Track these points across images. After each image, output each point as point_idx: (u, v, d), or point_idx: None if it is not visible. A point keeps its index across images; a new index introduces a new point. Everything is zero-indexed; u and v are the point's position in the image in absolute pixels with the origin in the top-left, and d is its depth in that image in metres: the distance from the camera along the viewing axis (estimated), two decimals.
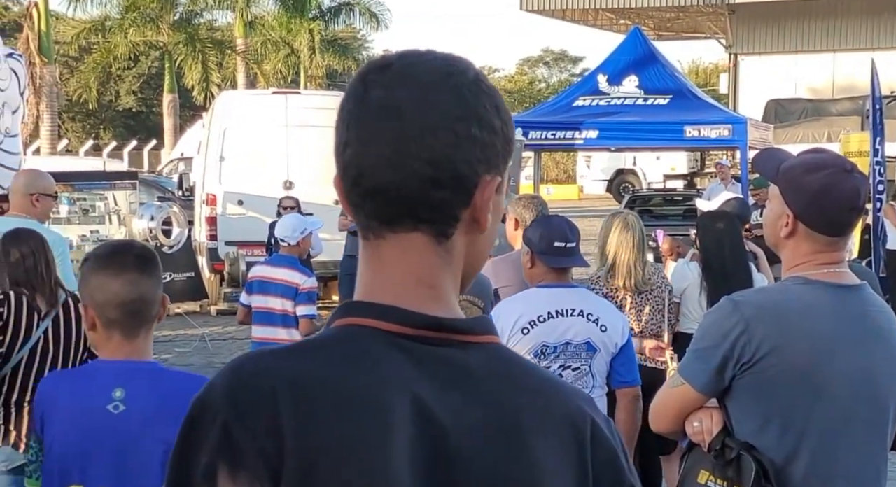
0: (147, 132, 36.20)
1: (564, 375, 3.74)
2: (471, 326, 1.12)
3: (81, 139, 34.32)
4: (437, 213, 1.10)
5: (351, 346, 1.09)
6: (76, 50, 31.47)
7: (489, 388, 1.11)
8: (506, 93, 48.26)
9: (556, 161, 40.68)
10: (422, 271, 1.11)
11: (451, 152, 1.09)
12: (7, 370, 3.84)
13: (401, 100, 1.08)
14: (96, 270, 2.40)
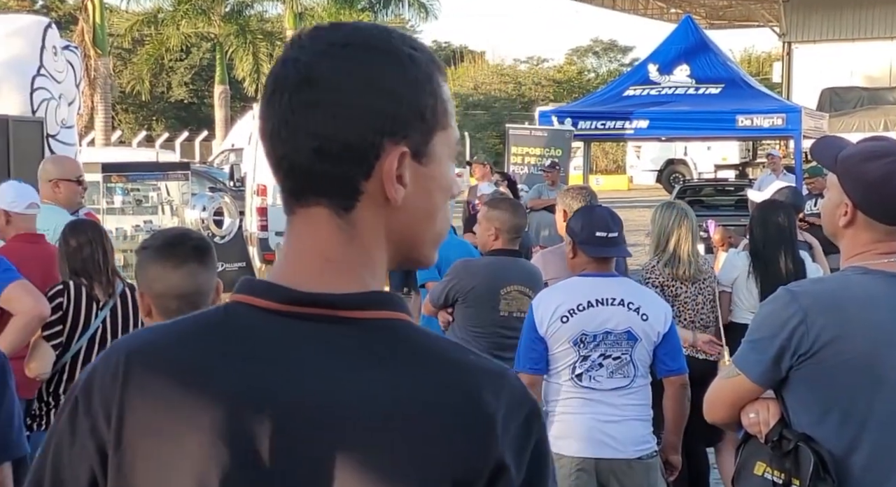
0: (198, 123, 36.55)
1: (605, 364, 3.73)
2: (350, 302, 1.06)
3: (134, 130, 34.75)
4: (334, 186, 1.08)
5: (213, 322, 1.09)
6: (129, 42, 31.87)
7: (344, 365, 1.04)
8: (554, 84, 48.07)
9: (605, 151, 40.43)
10: (322, 245, 1.09)
11: (338, 122, 1.06)
12: (66, 359, 3.91)
13: (289, 71, 1.08)
14: (155, 260, 2.41)
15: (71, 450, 1.08)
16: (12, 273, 3.97)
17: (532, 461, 1.06)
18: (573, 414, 3.72)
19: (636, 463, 3.75)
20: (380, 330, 1.06)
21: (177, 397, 1.04)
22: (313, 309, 1.05)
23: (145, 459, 1.04)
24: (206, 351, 1.06)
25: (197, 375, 1.05)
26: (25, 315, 3.80)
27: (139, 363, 1.07)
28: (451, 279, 4.79)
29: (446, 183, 1.12)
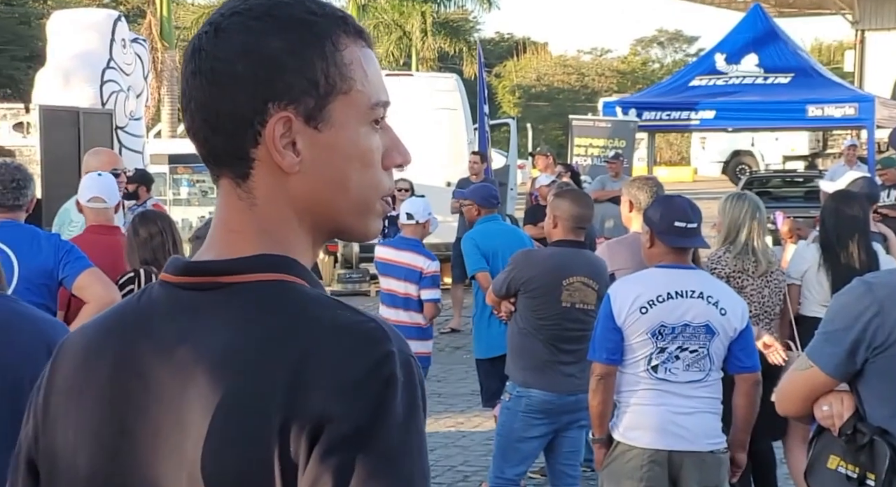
0: None
1: (682, 357, 3.69)
2: (232, 267, 1.07)
3: None
4: (226, 155, 1.08)
5: (133, 299, 1.13)
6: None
7: (201, 326, 1.05)
8: (618, 74, 47.67)
9: (669, 142, 40.00)
10: (226, 216, 1.10)
11: (219, 91, 1.06)
12: None
13: (190, 47, 1.10)
14: None
15: (23, 431, 1.16)
16: (84, 261, 4.06)
17: (366, 410, 0.99)
18: (646, 406, 3.69)
19: (709, 457, 3.70)
20: (250, 292, 1.05)
21: (75, 371, 1.11)
22: (198, 277, 1.07)
23: (56, 435, 1.11)
24: (107, 328, 1.12)
25: (96, 347, 1.11)
26: (97, 302, 3.88)
27: (64, 345, 1.15)
28: (513, 269, 4.78)
29: (356, 150, 1.09)
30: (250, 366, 1.02)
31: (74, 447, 1.09)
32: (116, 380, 1.08)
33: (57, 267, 4.04)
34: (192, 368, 1.04)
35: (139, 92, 12.10)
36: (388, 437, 0.99)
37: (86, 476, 1.08)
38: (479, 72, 15.71)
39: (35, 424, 1.14)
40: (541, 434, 4.69)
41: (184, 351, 1.05)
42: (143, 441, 1.06)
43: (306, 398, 0.99)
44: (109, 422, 1.07)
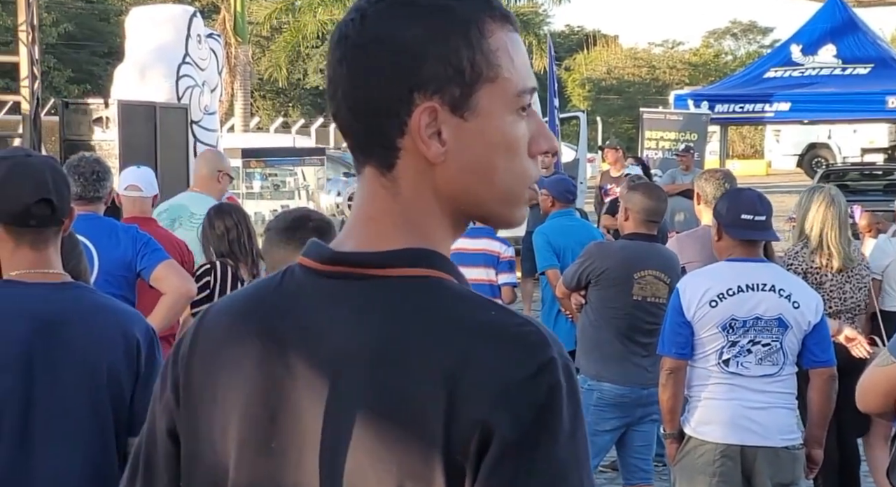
0: None
1: (754, 350, 3.65)
2: (380, 260, 1.05)
3: (272, 117, 35.65)
4: (372, 144, 1.07)
5: (273, 282, 1.12)
6: (268, 30, 32.66)
7: (353, 321, 1.03)
8: (690, 67, 47.00)
9: (742, 135, 39.38)
10: (367, 205, 1.09)
11: (365, 80, 1.05)
12: None
13: (335, 34, 1.09)
14: (278, 242, 2.48)
15: (160, 402, 1.16)
16: (161, 253, 4.14)
17: (533, 418, 0.97)
18: (718, 400, 3.66)
19: (783, 453, 3.65)
20: (399, 287, 1.04)
21: (224, 348, 1.11)
22: (345, 267, 1.06)
23: (199, 410, 1.12)
24: (250, 309, 1.11)
25: (240, 327, 1.10)
26: (173, 293, 3.95)
27: (205, 321, 1.15)
28: (584, 260, 4.76)
29: (503, 138, 1.06)
30: (406, 367, 1.00)
31: (219, 430, 1.09)
32: (263, 366, 1.07)
33: (135, 258, 4.12)
34: (342, 362, 1.03)
35: (213, 86, 12.28)
36: (557, 448, 0.97)
37: (231, 461, 1.08)
38: (549, 65, 15.65)
39: (175, 397, 1.14)
40: (612, 428, 4.67)
41: (332, 344, 1.04)
42: (289, 433, 1.05)
43: (468, 405, 0.97)
44: (257, 409, 1.07)
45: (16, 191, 2.25)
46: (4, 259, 2.29)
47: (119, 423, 2.32)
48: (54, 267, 2.31)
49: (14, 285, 2.26)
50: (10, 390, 2.19)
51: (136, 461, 1.19)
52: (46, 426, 2.23)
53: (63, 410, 2.24)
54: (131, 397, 2.32)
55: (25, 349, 2.22)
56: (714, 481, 3.63)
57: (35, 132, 10.74)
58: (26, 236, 2.27)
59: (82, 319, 2.28)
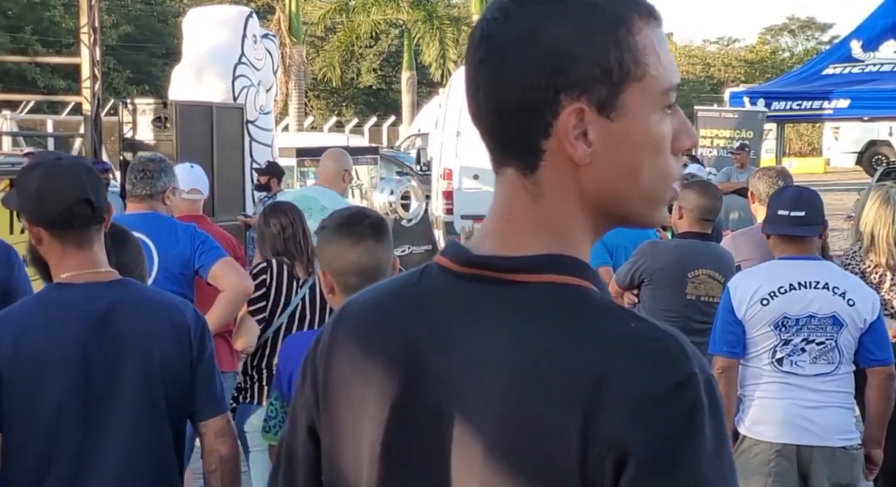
0: (386, 109, 37.37)
1: (808, 349, 3.61)
2: (519, 265, 1.03)
3: (325, 116, 35.88)
4: (515, 146, 1.04)
5: (410, 281, 1.10)
6: (322, 30, 32.91)
7: (494, 328, 1.01)
8: (746, 64, 46.44)
9: (799, 133, 38.82)
10: (507, 207, 1.06)
11: (510, 81, 1.01)
12: (269, 334, 4.10)
13: (476, 30, 1.06)
14: (333, 240, 2.51)
15: (300, 398, 1.16)
16: (219, 251, 4.20)
17: (673, 437, 0.94)
18: (772, 399, 3.63)
19: (840, 453, 3.61)
20: (539, 294, 1.02)
21: (360, 347, 1.10)
22: (483, 270, 1.04)
23: (339, 409, 1.11)
24: (388, 307, 1.10)
25: (376, 327, 1.09)
26: (231, 291, 4.01)
27: (343, 317, 1.14)
28: (638, 259, 4.74)
29: (648, 138, 1.04)
30: (542, 378, 0.98)
31: (355, 430, 1.09)
32: (398, 368, 1.07)
33: (193, 256, 4.18)
34: (478, 369, 1.01)
35: (269, 86, 12.41)
36: (700, 467, 0.94)
37: (365, 464, 1.08)
38: None
39: (314, 395, 1.15)
40: None
41: (468, 349, 1.02)
42: (421, 438, 1.04)
43: (605, 420, 0.95)
44: (390, 411, 1.06)
45: (55, 196, 2.28)
46: (53, 262, 2.34)
47: (175, 410, 2.38)
48: (102, 265, 2.36)
49: (65, 288, 2.31)
50: (69, 389, 2.25)
51: (279, 456, 1.20)
52: (106, 420, 2.29)
53: (121, 403, 2.30)
54: (189, 382, 2.39)
55: (80, 348, 2.27)
56: (769, 481, 3.60)
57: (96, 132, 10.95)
58: (71, 238, 2.31)
59: (132, 313, 2.33)
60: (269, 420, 2.65)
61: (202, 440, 2.45)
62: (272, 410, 2.61)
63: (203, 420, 2.43)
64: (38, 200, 2.30)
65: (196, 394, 2.41)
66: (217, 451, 2.43)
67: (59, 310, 2.30)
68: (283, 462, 1.19)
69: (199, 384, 2.41)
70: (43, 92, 24.00)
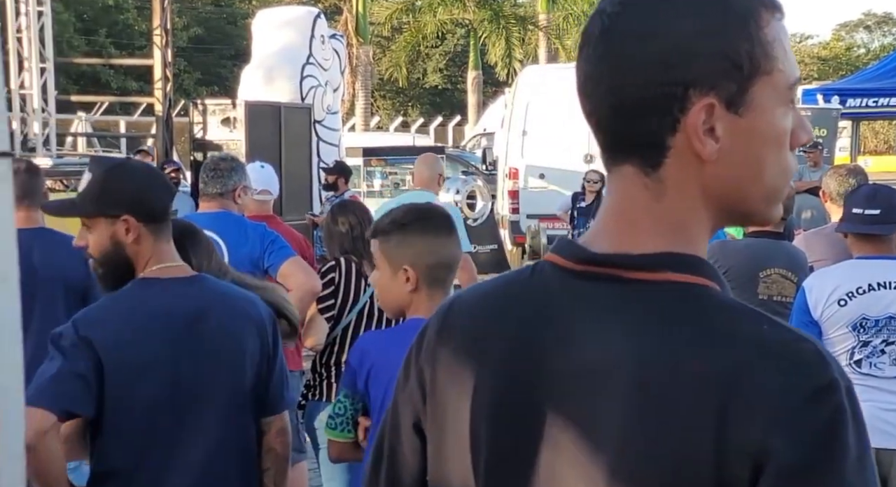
0: (451, 108, 37.43)
1: (888, 351, 3.53)
2: (640, 263, 1.01)
3: (391, 116, 36.05)
4: (639, 143, 1.02)
5: (520, 278, 1.10)
6: (388, 30, 33.06)
7: (614, 327, 0.99)
8: (819, 61, 45.58)
9: (874, 131, 38.01)
10: (626, 205, 1.04)
11: (635, 76, 1.00)
12: (337, 332, 4.13)
13: (593, 25, 1.04)
14: (423, 234, 2.50)
15: (402, 394, 1.16)
16: (288, 250, 4.24)
17: (816, 443, 0.92)
18: None
19: None
20: (662, 293, 1.00)
21: (471, 345, 1.09)
22: (602, 268, 1.02)
23: (446, 406, 1.10)
24: (502, 305, 1.09)
25: (488, 326, 1.08)
26: (300, 289, 4.04)
27: (451, 314, 1.13)
28: (708, 258, 4.68)
29: (774, 133, 1.02)
30: (673, 381, 0.95)
31: (468, 428, 1.07)
32: (516, 367, 1.05)
33: (263, 255, 4.22)
34: (601, 370, 0.99)
35: (336, 86, 12.50)
36: (844, 475, 0.92)
37: (480, 464, 1.06)
38: None
39: (420, 390, 1.14)
40: None
41: (590, 349, 1.00)
42: (542, 441, 1.02)
43: (741, 426, 0.92)
44: (508, 411, 1.04)
45: (156, 188, 2.38)
46: (143, 257, 2.39)
47: (256, 403, 2.42)
48: (179, 260, 2.43)
49: (152, 283, 2.37)
50: (161, 384, 2.30)
51: (380, 451, 1.19)
52: (196, 415, 2.34)
53: (209, 398, 2.35)
54: (266, 378, 2.43)
55: (169, 346, 2.32)
56: None
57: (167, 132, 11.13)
58: (164, 231, 2.39)
59: (215, 309, 2.38)
60: (336, 417, 2.66)
61: (261, 436, 2.46)
62: (340, 408, 2.62)
63: (267, 417, 2.45)
64: (141, 194, 2.36)
65: (268, 390, 2.44)
66: (274, 449, 2.46)
67: (150, 306, 2.35)
68: (386, 459, 1.18)
69: (272, 379, 2.44)
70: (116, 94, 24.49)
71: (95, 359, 2.25)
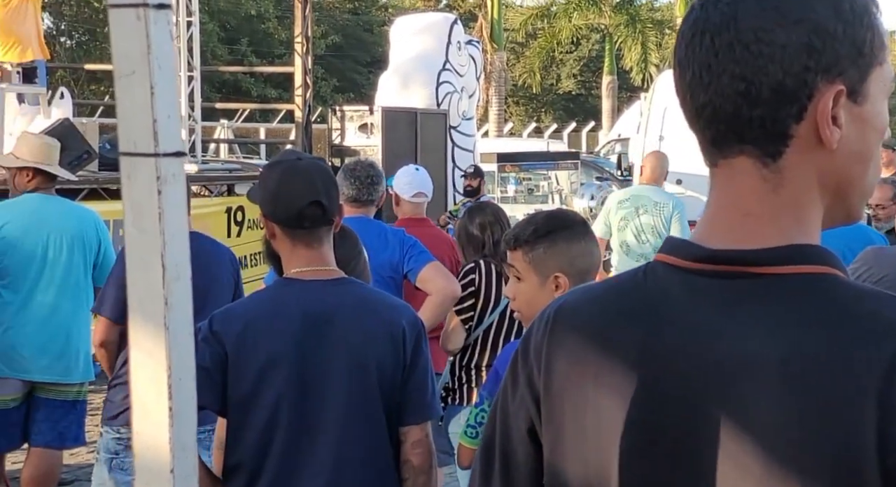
0: (585, 114, 37.20)
1: None
2: (766, 257, 0.99)
3: (524, 122, 36.07)
4: (760, 132, 1.00)
5: (633, 280, 1.08)
6: (522, 36, 33.08)
7: (749, 323, 0.97)
8: None
9: None
10: (743, 199, 1.02)
11: (767, 62, 0.98)
12: (478, 333, 4.14)
13: (709, 14, 1.02)
14: (576, 239, 2.49)
15: (513, 400, 1.14)
16: (427, 255, 4.28)
17: None
18: None
19: None
20: (795, 286, 0.98)
21: (590, 349, 1.07)
22: (723, 266, 1.01)
23: (567, 409, 1.08)
24: (618, 307, 1.07)
25: (607, 329, 1.06)
26: (439, 294, 4.07)
27: (561, 317, 1.11)
28: (859, 266, 4.47)
29: (881, 125, 1.03)
30: (826, 372, 0.94)
31: (596, 433, 1.06)
32: (646, 369, 1.03)
33: (402, 260, 4.27)
34: (742, 368, 0.97)
35: (471, 92, 12.57)
36: None
37: (615, 468, 1.04)
38: None
39: (533, 397, 1.12)
40: None
41: (726, 348, 0.99)
42: (683, 442, 1.00)
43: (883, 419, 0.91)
44: (644, 414, 1.03)
45: (289, 196, 2.40)
46: (284, 257, 2.45)
47: (389, 412, 2.41)
48: (328, 264, 2.45)
49: (291, 283, 2.42)
50: (286, 382, 2.34)
51: (490, 458, 1.18)
52: (322, 415, 2.35)
53: (336, 400, 2.36)
54: (401, 386, 2.41)
55: (299, 343, 2.35)
56: None
57: (306, 138, 11.39)
58: (301, 236, 2.41)
59: (351, 313, 2.40)
60: (477, 426, 2.65)
61: (399, 447, 2.45)
62: (482, 416, 2.60)
63: (404, 426, 2.44)
64: (274, 198, 2.42)
65: (405, 399, 2.42)
66: (410, 461, 2.44)
67: (283, 305, 2.40)
68: (498, 466, 1.16)
69: (409, 389, 2.42)
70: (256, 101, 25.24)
71: (222, 354, 2.32)
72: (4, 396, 4.54)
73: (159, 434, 0.89)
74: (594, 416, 1.05)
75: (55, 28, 25.30)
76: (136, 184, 0.95)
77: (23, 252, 4.55)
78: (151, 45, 0.93)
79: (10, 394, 4.54)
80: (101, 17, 25.94)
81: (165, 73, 0.94)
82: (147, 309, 0.93)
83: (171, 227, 0.94)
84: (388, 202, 5.20)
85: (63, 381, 4.62)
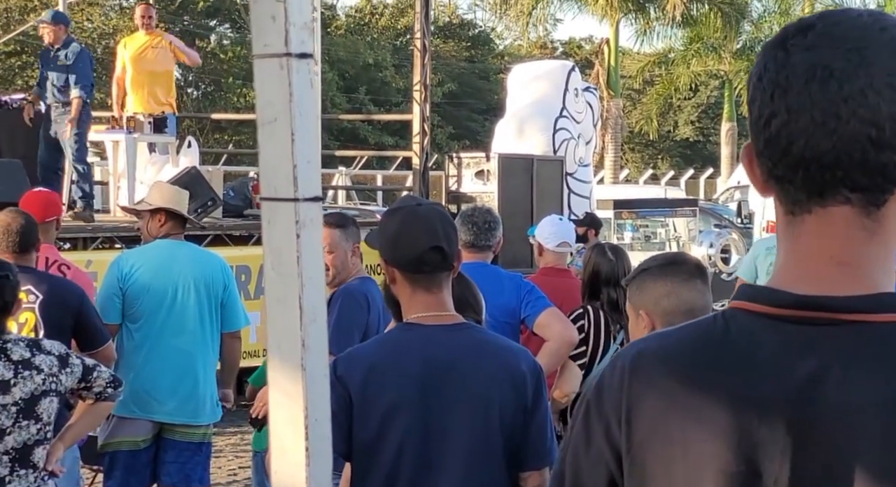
0: (703, 161, 36.66)
1: None
2: (856, 305, 0.99)
3: (640, 169, 35.75)
4: (877, 178, 0.99)
5: (713, 327, 1.06)
6: (640, 83, 32.93)
7: (847, 370, 0.98)
8: None
9: None
10: (837, 247, 1.01)
11: (893, 109, 0.98)
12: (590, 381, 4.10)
13: (830, 59, 0.99)
14: (660, 278, 2.51)
15: (587, 454, 1.11)
16: (544, 301, 4.27)
17: None
18: None
19: None
20: (886, 333, 0.99)
21: (677, 399, 1.05)
22: (812, 312, 1.00)
23: (654, 461, 1.06)
24: (705, 355, 1.05)
25: (696, 378, 1.05)
26: (557, 340, 4.05)
27: (642, 367, 1.08)
28: None
29: None
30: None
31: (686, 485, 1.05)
32: (739, 418, 1.02)
33: (519, 306, 4.27)
34: (850, 414, 0.98)
35: (588, 139, 12.54)
36: None
37: None
38: None
39: (611, 447, 1.10)
40: None
41: (832, 394, 0.99)
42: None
43: None
44: (737, 466, 1.02)
45: (410, 241, 2.41)
46: (404, 302, 2.47)
47: (509, 456, 2.40)
48: (447, 309, 2.45)
49: (412, 328, 2.43)
50: (410, 426, 2.35)
51: None
52: (444, 458, 2.36)
53: (458, 444, 2.36)
54: (521, 430, 2.40)
55: (422, 388, 2.37)
56: None
57: (424, 185, 11.52)
58: (421, 281, 2.43)
59: (471, 358, 2.41)
60: None
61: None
62: None
63: (524, 472, 2.43)
64: (393, 244, 2.45)
65: (525, 444, 2.42)
66: None
67: (405, 350, 2.42)
68: None
69: (530, 434, 2.42)
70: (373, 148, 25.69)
71: (347, 398, 2.34)
72: (136, 437, 4.66)
73: (297, 474, 0.90)
74: (684, 466, 1.04)
75: (183, 79, 26.34)
76: (275, 228, 0.97)
77: (154, 296, 4.69)
78: (294, 93, 0.96)
79: (142, 435, 4.66)
80: (225, 68, 26.88)
81: (306, 119, 0.97)
82: (285, 350, 0.94)
83: (308, 270, 0.95)
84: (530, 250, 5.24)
85: (192, 423, 4.72)
